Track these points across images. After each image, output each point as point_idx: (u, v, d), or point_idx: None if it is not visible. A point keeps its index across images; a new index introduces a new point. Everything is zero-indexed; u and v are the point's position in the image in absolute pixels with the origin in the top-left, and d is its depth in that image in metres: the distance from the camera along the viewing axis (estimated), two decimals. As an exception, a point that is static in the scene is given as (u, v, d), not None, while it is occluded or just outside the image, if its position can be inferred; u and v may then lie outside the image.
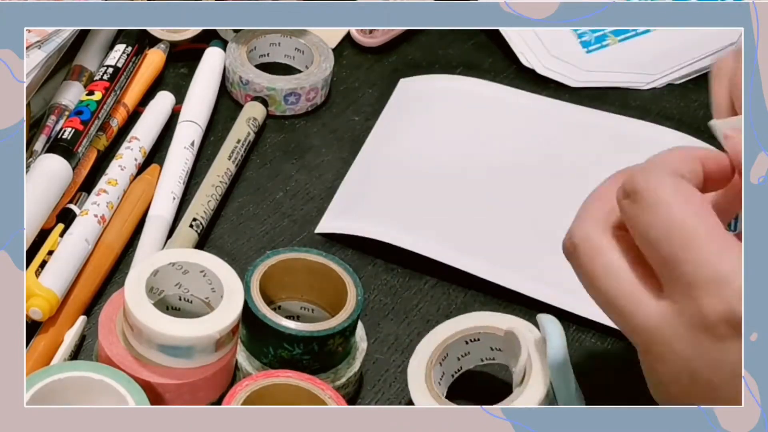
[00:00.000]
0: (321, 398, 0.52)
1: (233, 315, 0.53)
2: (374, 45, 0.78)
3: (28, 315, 0.56)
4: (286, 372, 0.53)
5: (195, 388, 0.53)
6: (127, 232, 0.63)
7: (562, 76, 0.78)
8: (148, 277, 0.53)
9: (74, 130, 0.64)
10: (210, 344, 0.52)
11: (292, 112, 0.73)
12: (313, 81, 0.73)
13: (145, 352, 0.52)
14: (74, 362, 0.55)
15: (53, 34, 0.65)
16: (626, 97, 0.78)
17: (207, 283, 0.55)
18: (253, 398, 0.52)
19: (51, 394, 0.51)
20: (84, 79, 0.69)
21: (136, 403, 0.50)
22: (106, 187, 0.63)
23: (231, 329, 0.53)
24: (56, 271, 0.58)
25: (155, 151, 0.68)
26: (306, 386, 0.53)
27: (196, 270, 0.55)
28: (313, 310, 0.58)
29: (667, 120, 0.77)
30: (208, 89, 0.71)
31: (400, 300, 0.63)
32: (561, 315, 0.61)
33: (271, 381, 0.52)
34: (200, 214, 0.63)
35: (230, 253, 0.64)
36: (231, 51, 0.73)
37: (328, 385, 0.53)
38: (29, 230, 0.59)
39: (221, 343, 0.53)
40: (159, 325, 0.51)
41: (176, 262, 0.54)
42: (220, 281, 0.54)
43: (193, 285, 0.55)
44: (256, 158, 0.70)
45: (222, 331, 0.52)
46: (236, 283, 0.54)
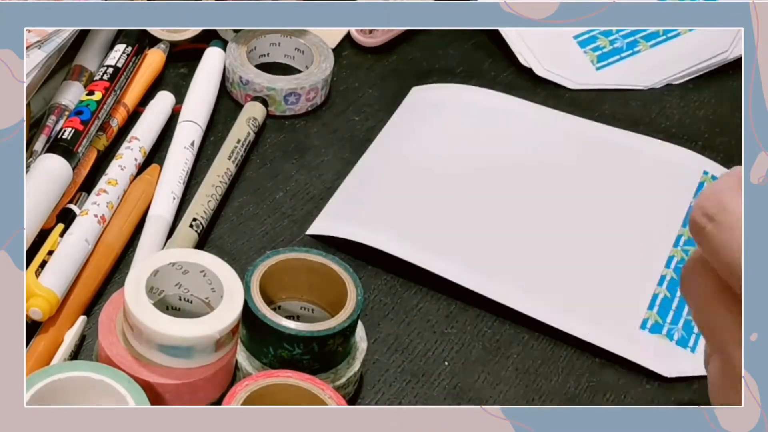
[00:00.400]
0: (321, 398, 0.52)
1: (233, 315, 0.53)
2: (374, 45, 0.78)
3: (28, 315, 0.56)
4: (286, 372, 0.53)
5: (195, 388, 0.53)
6: (127, 232, 0.63)
7: (561, 78, 0.78)
8: (148, 277, 0.53)
9: (74, 130, 0.64)
10: (210, 344, 0.52)
11: (291, 112, 0.73)
12: (313, 81, 0.73)
13: (145, 352, 0.52)
14: (74, 362, 0.55)
15: (53, 34, 0.65)
16: (626, 97, 0.78)
17: (207, 283, 0.55)
18: (253, 398, 0.52)
19: (51, 394, 0.51)
20: (84, 79, 0.70)
21: (136, 403, 0.50)
22: (106, 187, 0.63)
23: (231, 329, 0.53)
24: (56, 271, 0.58)
25: (155, 151, 0.68)
26: (306, 386, 0.53)
27: (196, 270, 0.55)
28: (313, 310, 0.58)
29: (666, 120, 0.77)
30: (208, 89, 0.71)
31: (400, 300, 0.63)
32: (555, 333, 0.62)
33: (271, 381, 0.53)
34: (200, 214, 0.63)
35: (230, 253, 0.64)
36: (231, 51, 0.73)
37: (328, 385, 0.53)
38: (29, 230, 0.59)
39: (221, 343, 0.53)
40: (159, 325, 0.51)
41: (176, 262, 0.54)
42: (220, 281, 0.54)
43: (193, 285, 0.55)
44: (256, 158, 0.70)
45: (222, 331, 0.52)
46: (236, 283, 0.54)
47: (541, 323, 0.62)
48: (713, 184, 0.45)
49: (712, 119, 0.78)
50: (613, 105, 0.77)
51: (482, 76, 0.78)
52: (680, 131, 0.76)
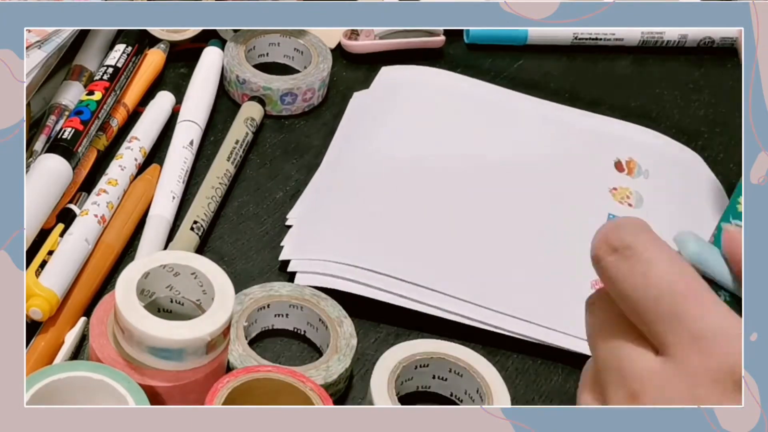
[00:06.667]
0: (302, 390, 0.52)
1: (224, 317, 0.52)
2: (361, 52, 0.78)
3: (28, 315, 0.56)
4: (267, 367, 0.53)
5: (186, 390, 0.53)
6: (127, 232, 0.63)
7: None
8: (139, 279, 0.53)
9: (74, 130, 0.64)
10: (200, 347, 0.52)
11: (288, 112, 0.73)
12: (310, 81, 0.72)
13: (135, 354, 0.52)
14: (74, 362, 0.55)
15: (53, 34, 0.65)
16: (626, 97, 0.78)
17: (198, 286, 0.54)
18: (235, 394, 0.52)
19: (51, 394, 0.51)
20: (84, 79, 0.70)
21: (136, 403, 0.50)
22: (106, 187, 0.63)
23: (222, 332, 0.52)
24: (56, 271, 0.58)
25: (155, 151, 0.68)
26: (287, 380, 0.53)
27: (187, 272, 0.54)
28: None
29: (667, 120, 0.77)
30: (207, 89, 0.71)
31: (399, 300, 0.63)
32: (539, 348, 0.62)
33: (253, 376, 0.52)
34: (201, 216, 0.63)
35: (230, 252, 0.64)
36: (229, 50, 0.73)
37: (309, 378, 0.53)
38: (29, 230, 0.59)
39: (212, 346, 0.52)
40: (149, 328, 0.51)
41: (167, 264, 0.54)
42: (211, 284, 0.54)
43: (184, 287, 0.55)
44: (255, 158, 0.70)
45: (212, 334, 0.52)
46: (227, 286, 0.54)
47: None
48: (618, 220, 0.46)
49: (712, 119, 0.78)
50: (613, 105, 0.77)
51: (482, 75, 0.78)
52: (680, 131, 0.76)
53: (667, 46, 0.82)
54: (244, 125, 0.69)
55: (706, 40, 0.82)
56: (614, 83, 0.80)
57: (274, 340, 0.60)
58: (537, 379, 0.60)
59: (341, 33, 0.78)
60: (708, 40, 0.82)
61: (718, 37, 0.82)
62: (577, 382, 0.60)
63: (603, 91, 0.79)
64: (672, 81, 0.80)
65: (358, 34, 0.78)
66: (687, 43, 0.82)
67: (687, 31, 0.81)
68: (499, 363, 0.60)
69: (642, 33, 0.81)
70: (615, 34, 0.81)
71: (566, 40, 0.81)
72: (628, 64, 0.81)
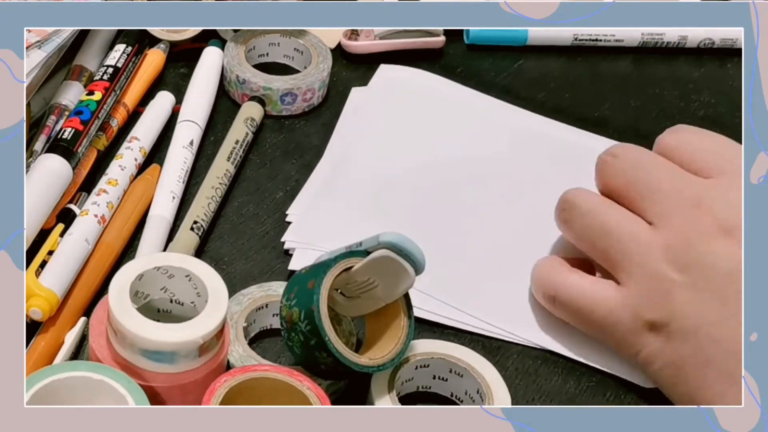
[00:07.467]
0: (299, 389, 0.52)
1: (217, 320, 0.52)
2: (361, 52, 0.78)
3: (28, 315, 0.56)
4: (264, 366, 0.53)
5: (186, 391, 0.53)
6: (127, 232, 0.63)
7: None
8: (133, 281, 0.53)
9: (74, 130, 0.64)
10: (193, 350, 0.52)
11: (288, 112, 0.73)
12: (310, 81, 0.72)
13: (128, 356, 0.52)
14: (74, 362, 0.55)
15: (53, 34, 0.65)
16: (626, 97, 0.78)
17: (192, 288, 0.54)
18: (232, 394, 0.52)
19: (51, 394, 0.51)
20: (84, 79, 0.70)
21: (136, 403, 0.50)
22: (106, 187, 0.63)
23: (215, 334, 0.52)
24: (56, 271, 0.58)
25: (155, 151, 0.68)
26: (284, 379, 0.52)
27: (181, 274, 0.54)
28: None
29: (666, 120, 0.77)
30: (206, 89, 0.71)
31: (399, 300, 0.63)
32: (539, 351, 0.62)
33: (250, 375, 0.52)
34: (201, 217, 0.63)
35: (230, 253, 0.64)
36: (229, 50, 0.73)
37: (306, 377, 0.53)
38: (29, 230, 0.59)
39: (204, 348, 0.52)
40: (141, 330, 0.51)
41: (161, 266, 0.54)
42: (205, 286, 0.53)
43: (178, 289, 0.55)
44: (255, 158, 0.70)
45: (205, 337, 0.52)
46: (221, 288, 0.53)
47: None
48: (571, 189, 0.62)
49: (712, 119, 0.78)
50: (611, 107, 0.77)
51: (482, 75, 0.78)
52: (680, 131, 0.76)
53: (667, 47, 0.82)
54: (244, 125, 0.69)
55: (706, 41, 0.82)
56: (614, 83, 0.80)
57: (274, 339, 0.60)
58: (537, 379, 0.60)
59: (341, 33, 0.78)
60: (708, 41, 0.82)
61: (718, 38, 0.82)
62: (577, 382, 0.60)
63: (603, 92, 0.79)
64: (672, 81, 0.80)
65: (358, 34, 0.78)
66: (687, 44, 0.82)
67: (687, 32, 0.81)
68: (499, 363, 0.60)
69: (642, 34, 0.81)
70: (615, 35, 0.81)
71: (566, 40, 0.81)
72: (628, 65, 0.81)
